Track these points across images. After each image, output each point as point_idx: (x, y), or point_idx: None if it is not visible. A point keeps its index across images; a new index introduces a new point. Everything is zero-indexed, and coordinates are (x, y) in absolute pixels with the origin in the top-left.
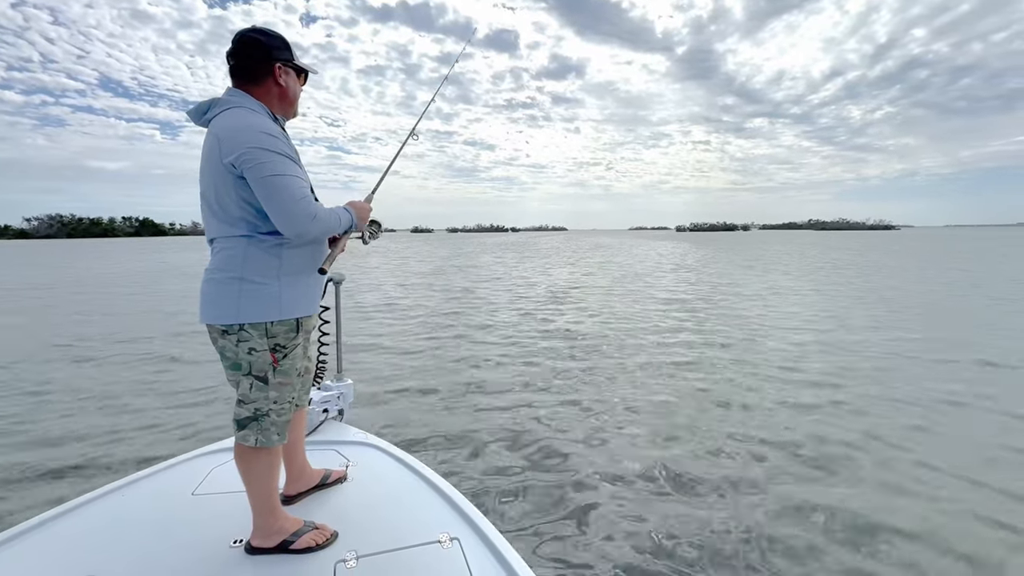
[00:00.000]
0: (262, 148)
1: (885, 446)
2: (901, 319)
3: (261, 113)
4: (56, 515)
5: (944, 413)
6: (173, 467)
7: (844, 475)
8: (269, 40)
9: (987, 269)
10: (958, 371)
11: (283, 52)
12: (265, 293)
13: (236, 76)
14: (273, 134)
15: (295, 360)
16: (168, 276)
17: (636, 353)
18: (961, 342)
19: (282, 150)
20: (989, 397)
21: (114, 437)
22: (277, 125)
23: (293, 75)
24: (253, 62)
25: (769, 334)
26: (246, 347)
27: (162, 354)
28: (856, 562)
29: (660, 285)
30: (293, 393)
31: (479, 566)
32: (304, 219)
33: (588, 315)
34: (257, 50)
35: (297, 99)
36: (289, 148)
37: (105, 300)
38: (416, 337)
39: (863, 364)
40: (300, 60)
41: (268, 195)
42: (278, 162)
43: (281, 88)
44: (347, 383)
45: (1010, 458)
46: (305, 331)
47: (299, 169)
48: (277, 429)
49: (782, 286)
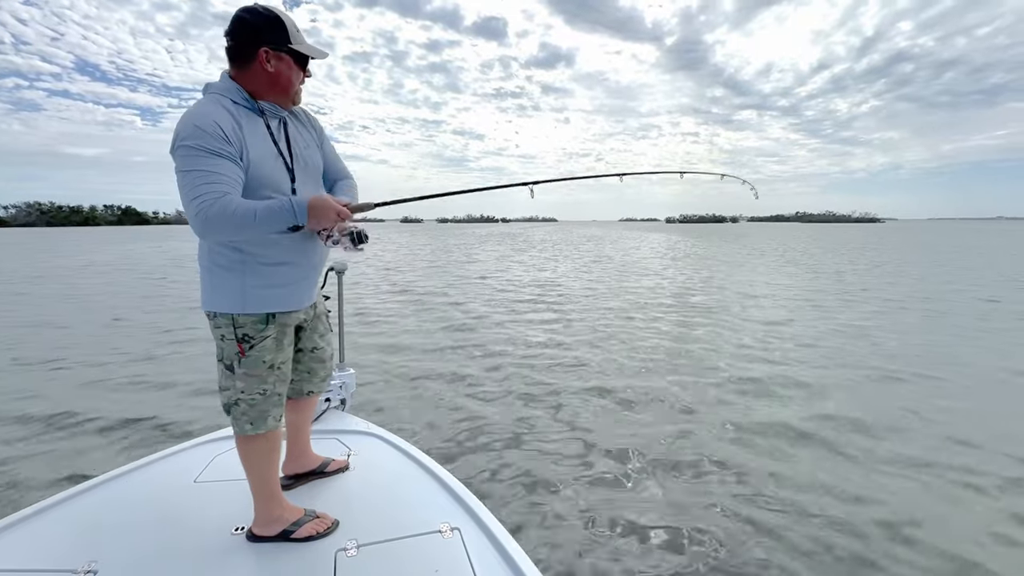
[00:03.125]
0: (182, 143)
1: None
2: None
3: (216, 103)
4: (58, 501)
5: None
6: (176, 454)
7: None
8: (255, 20)
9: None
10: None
11: (271, 34)
12: (228, 285)
13: (228, 58)
14: (202, 127)
15: (263, 352)
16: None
17: (644, 342)
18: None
19: (202, 144)
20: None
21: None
22: (250, 112)
23: (288, 60)
24: (238, 44)
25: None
26: (219, 333)
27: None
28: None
29: (659, 275)
30: (265, 386)
31: (479, 556)
32: (194, 219)
33: (590, 307)
34: (243, 32)
35: (293, 85)
36: (220, 141)
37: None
38: (418, 328)
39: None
40: (299, 43)
41: (179, 191)
42: (187, 157)
43: (269, 74)
44: (349, 372)
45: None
46: (281, 324)
47: (221, 163)
48: (249, 419)
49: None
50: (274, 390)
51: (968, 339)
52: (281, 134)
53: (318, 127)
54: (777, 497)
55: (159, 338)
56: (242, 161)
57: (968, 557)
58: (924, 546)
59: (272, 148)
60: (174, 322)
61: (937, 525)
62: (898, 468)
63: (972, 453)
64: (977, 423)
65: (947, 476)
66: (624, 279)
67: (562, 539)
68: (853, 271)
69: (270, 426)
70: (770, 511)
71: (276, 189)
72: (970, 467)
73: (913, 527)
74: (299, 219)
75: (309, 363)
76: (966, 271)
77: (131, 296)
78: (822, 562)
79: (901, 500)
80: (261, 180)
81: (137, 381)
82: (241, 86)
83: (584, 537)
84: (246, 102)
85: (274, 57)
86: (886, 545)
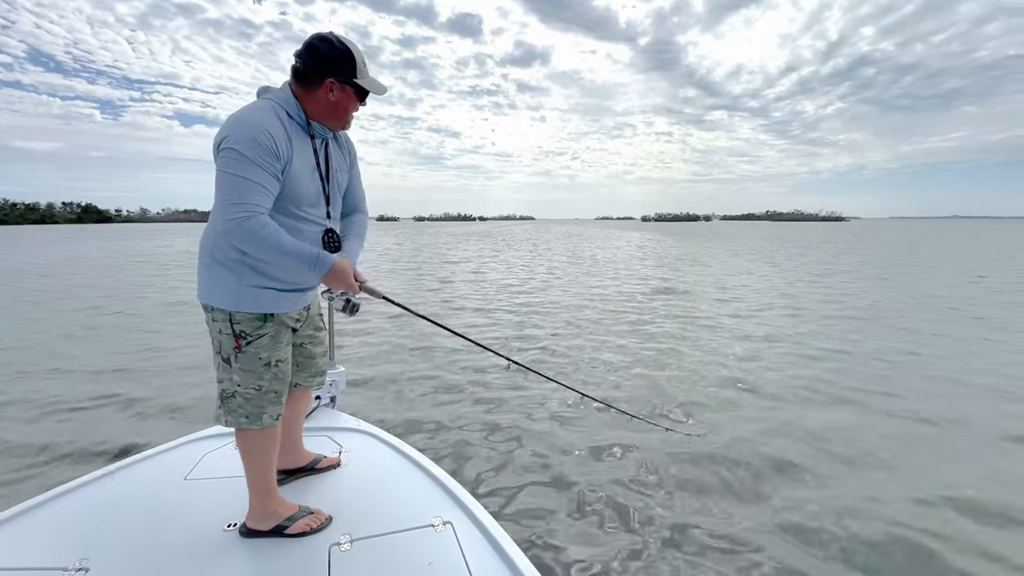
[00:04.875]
0: (233, 145)
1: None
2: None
3: (272, 111)
4: (47, 499)
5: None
6: (165, 452)
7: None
8: (328, 51)
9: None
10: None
11: (340, 67)
12: (225, 282)
13: (292, 75)
14: (257, 137)
15: (260, 349)
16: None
17: (637, 340)
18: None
19: (252, 154)
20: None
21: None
22: (300, 129)
23: (349, 92)
24: (306, 69)
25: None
26: (216, 327)
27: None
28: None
29: (641, 274)
30: (261, 382)
31: (472, 548)
32: (228, 222)
33: (581, 299)
34: (313, 60)
35: (347, 114)
36: (270, 155)
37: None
38: (407, 325)
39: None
40: (363, 78)
41: (216, 188)
42: (237, 162)
43: (331, 103)
44: (339, 370)
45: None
46: (279, 323)
47: (265, 176)
48: (244, 412)
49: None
50: (270, 387)
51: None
52: (323, 157)
53: (353, 152)
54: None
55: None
56: (283, 175)
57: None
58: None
59: (313, 170)
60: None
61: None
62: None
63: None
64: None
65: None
66: (619, 280)
67: (552, 531)
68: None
69: (265, 423)
70: (808, 515)
71: (311, 210)
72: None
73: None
74: (318, 274)
75: (298, 358)
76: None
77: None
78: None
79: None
80: (296, 197)
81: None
82: (300, 104)
83: (575, 528)
84: (300, 120)
85: (338, 88)
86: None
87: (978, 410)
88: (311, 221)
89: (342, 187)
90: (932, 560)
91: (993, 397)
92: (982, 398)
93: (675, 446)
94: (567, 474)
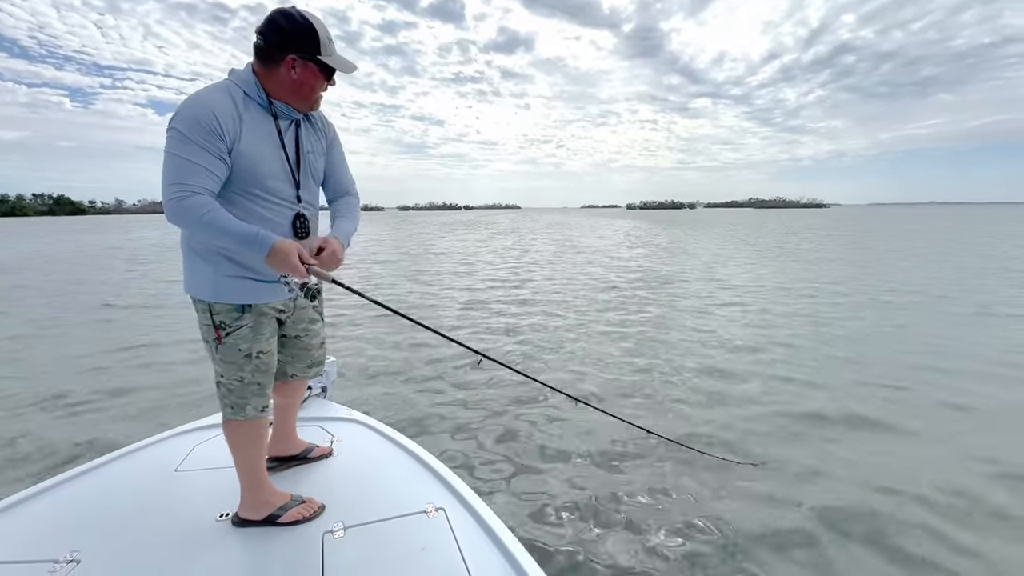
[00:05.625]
0: (175, 124)
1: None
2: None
3: (225, 91)
4: (37, 492)
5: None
6: (155, 444)
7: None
8: (289, 26)
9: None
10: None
11: (302, 43)
12: (203, 273)
13: (254, 53)
14: (199, 118)
15: (239, 341)
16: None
17: (628, 327)
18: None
19: (193, 134)
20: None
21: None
22: (260, 108)
23: (313, 69)
24: (267, 45)
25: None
26: (199, 317)
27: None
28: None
29: (624, 261)
30: (242, 374)
31: (465, 533)
32: (166, 203)
33: (573, 288)
34: (274, 35)
35: (315, 93)
36: (212, 136)
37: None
38: (394, 317)
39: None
40: (328, 55)
41: (162, 170)
42: (179, 142)
43: (293, 80)
44: (330, 360)
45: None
46: (259, 314)
47: (207, 157)
48: (229, 403)
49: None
50: (252, 379)
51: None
52: (292, 138)
53: (331, 134)
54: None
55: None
56: (230, 156)
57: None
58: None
59: (276, 151)
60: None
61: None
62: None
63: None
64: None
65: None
66: (614, 272)
67: (544, 515)
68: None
69: (249, 415)
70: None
71: (276, 192)
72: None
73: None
74: (259, 254)
75: (293, 350)
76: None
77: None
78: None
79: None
80: (258, 178)
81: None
82: (261, 83)
83: (566, 512)
84: (259, 99)
85: (300, 65)
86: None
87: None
88: (280, 205)
89: (317, 170)
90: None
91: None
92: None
93: (664, 432)
94: (557, 460)
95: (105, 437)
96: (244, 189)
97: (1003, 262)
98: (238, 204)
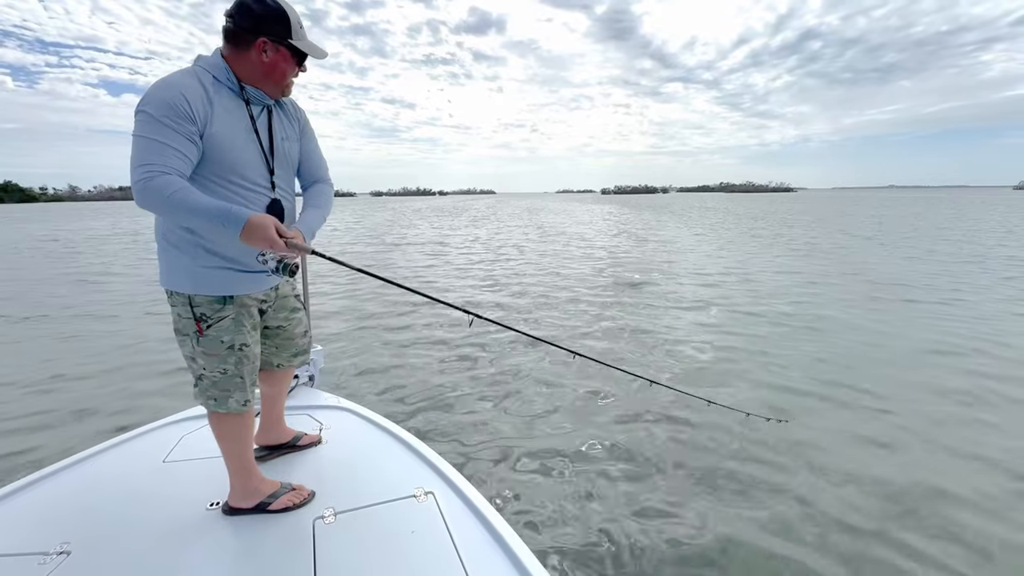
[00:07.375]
0: (143, 108)
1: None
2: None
3: (193, 75)
4: (26, 484)
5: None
6: (142, 435)
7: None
8: (260, 10)
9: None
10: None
11: (273, 26)
12: (180, 264)
13: (223, 36)
14: (168, 99)
15: (221, 333)
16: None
17: (610, 306)
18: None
19: (162, 116)
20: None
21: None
22: (231, 93)
23: (284, 53)
24: (237, 28)
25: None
26: (176, 311)
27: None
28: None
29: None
30: (225, 366)
31: (454, 517)
32: (134, 186)
33: (558, 271)
34: (244, 18)
35: (286, 78)
36: (183, 118)
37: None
38: (380, 307)
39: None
40: (299, 39)
41: (131, 154)
42: (144, 123)
43: (264, 64)
44: (317, 349)
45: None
46: (240, 305)
47: (178, 138)
48: (211, 396)
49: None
50: (235, 371)
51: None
52: (264, 124)
53: (302, 120)
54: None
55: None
56: (201, 140)
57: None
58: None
59: (249, 135)
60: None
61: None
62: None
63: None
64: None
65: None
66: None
67: (533, 496)
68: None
69: (231, 408)
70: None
71: (251, 178)
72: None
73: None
74: (233, 231)
75: (276, 340)
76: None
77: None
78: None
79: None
80: (231, 164)
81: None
82: (231, 68)
83: (554, 492)
84: (230, 83)
85: (271, 49)
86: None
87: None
88: (254, 191)
89: (291, 156)
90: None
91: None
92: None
93: (659, 401)
94: (545, 440)
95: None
96: (218, 175)
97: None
98: (212, 191)
